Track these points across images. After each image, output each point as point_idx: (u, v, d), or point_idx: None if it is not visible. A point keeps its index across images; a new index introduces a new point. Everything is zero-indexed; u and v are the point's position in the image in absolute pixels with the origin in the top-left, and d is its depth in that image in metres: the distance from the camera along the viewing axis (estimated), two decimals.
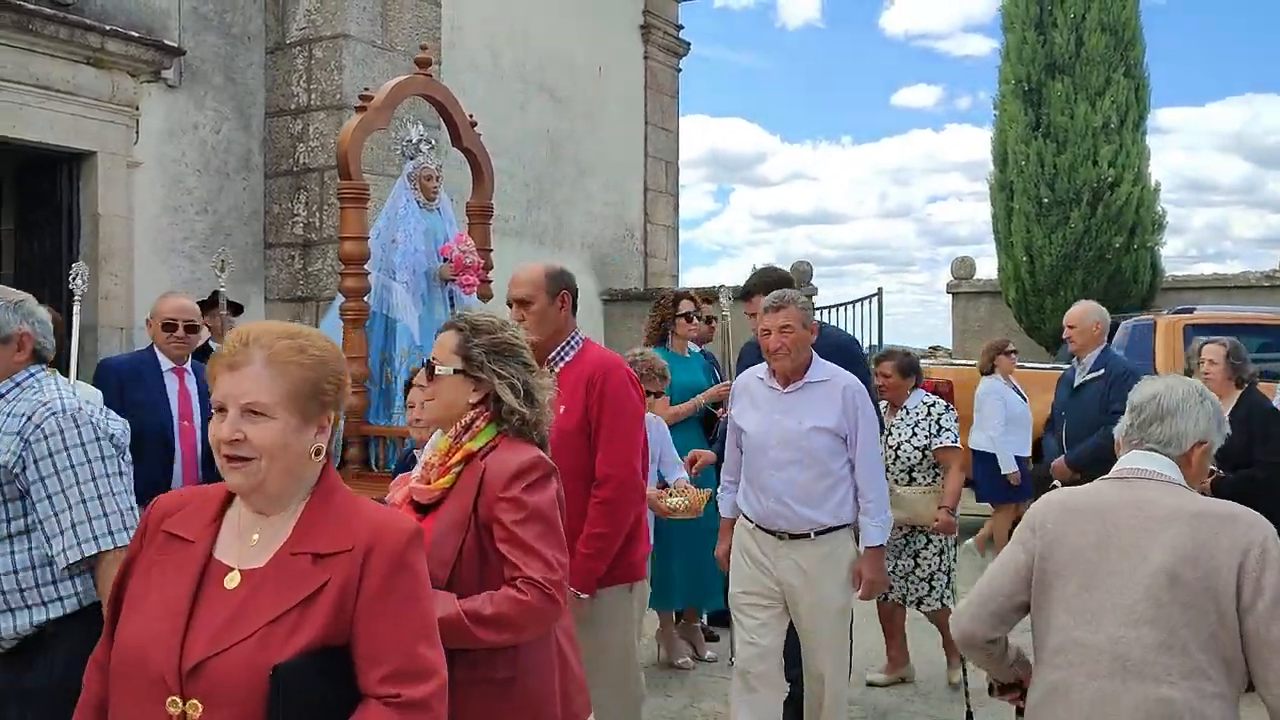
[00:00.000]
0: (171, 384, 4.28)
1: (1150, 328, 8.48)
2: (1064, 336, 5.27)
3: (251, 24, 8.63)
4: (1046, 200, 10.44)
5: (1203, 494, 4.81)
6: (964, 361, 9.39)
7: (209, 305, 6.99)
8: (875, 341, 12.97)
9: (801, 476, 3.62)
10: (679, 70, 14.50)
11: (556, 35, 11.83)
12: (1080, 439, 4.93)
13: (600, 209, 12.82)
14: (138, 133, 7.73)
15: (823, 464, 3.61)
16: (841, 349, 4.13)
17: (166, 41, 7.75)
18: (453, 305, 4.93)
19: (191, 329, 4.33)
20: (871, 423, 3.71)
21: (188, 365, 4.34)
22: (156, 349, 4.32)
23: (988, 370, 7.53)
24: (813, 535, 3.64)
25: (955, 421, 5.02)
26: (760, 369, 3.81)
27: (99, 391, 3.95)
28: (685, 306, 5.42)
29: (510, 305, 3.16)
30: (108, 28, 7.27)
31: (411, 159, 4.88)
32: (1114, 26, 10.39)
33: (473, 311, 2.46)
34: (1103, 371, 4.98)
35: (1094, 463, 4.67)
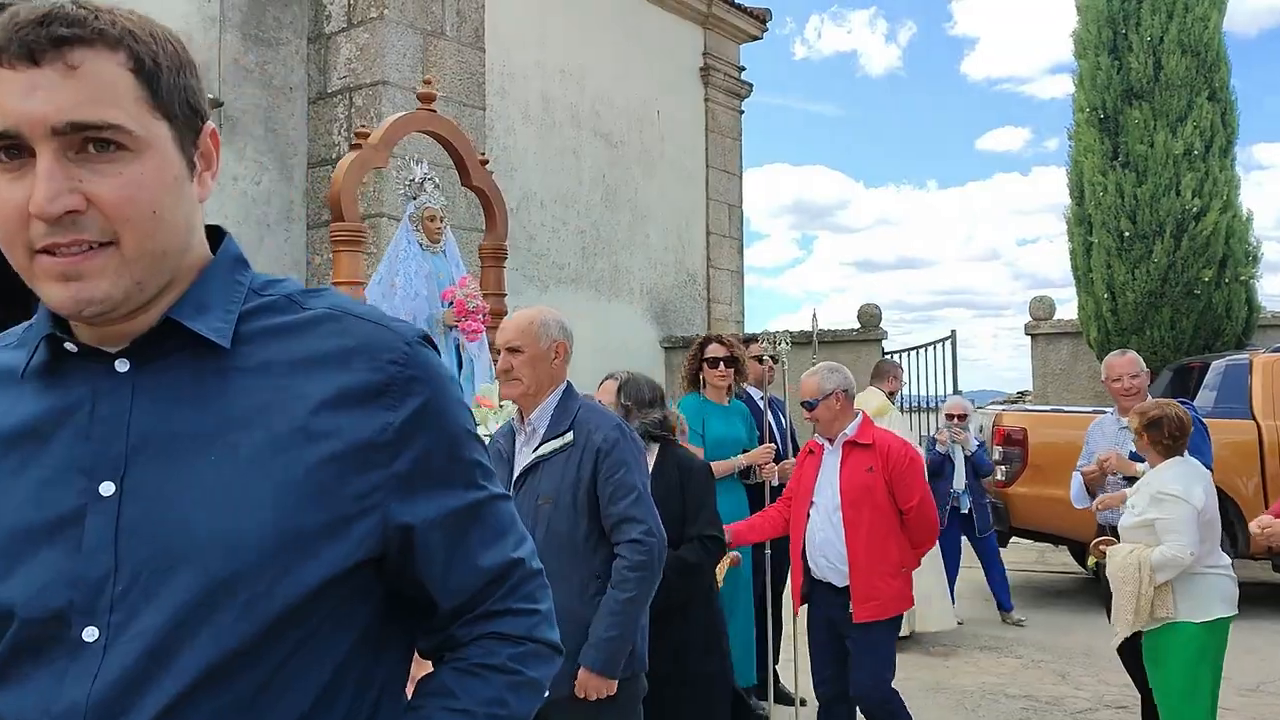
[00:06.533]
0: None
1: (1246, 367, 7.79)
2: (500, 368, 3.02)
3: (293, 75, 8.58)
4: (1128, 234, 9.79)
5: None
6: (1040, 407, 8.77)
7: None
8: (950, 388, 12.37)
9: None
10: (741, 112, 14.21)
11: (612, 80, 11.65)
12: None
13: (660, 255, 12.52)
14: None
15: None
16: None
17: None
18: (459, 353, 4.61)
19: None
20: None
21: None
22: None
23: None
24: None
25: None
26: None
27: None
28: (713, 351, 5.01)
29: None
30: None
31: (414, 199, 4.60)
32: (1195, 48, 9.75)
33: None
34: (570, 438, 2.88)
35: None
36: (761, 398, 5.46)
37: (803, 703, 5.24)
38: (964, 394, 14.15)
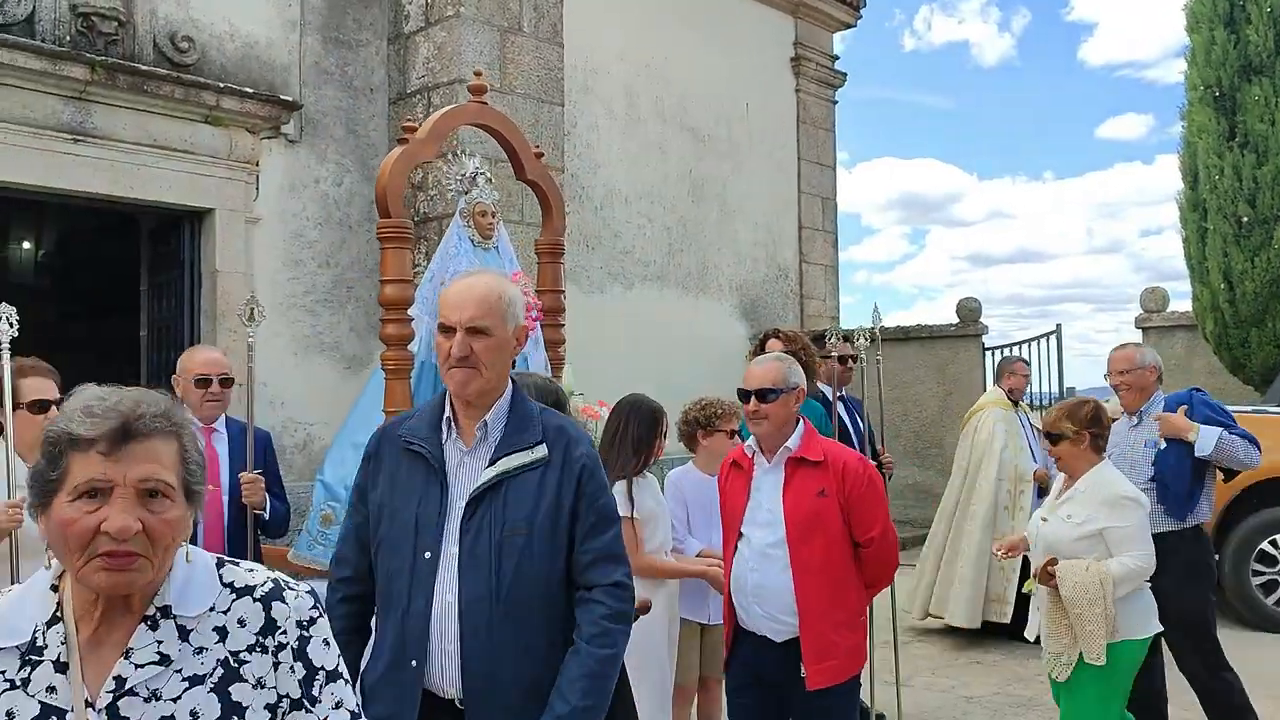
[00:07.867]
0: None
1: None
2: (456, 354, 2.26)
3: (374, 75, 8.60)
4: (1246, 219, 9.15)
5: None
6: None
7: None
8: (1056, 384, 11.82)
9: None
10: (835, 103, 13.84)
11: (698, 73, 11.42)
12: None
13: (749, 250, 12.25)
14: (257, 188, 7.76)
15: None
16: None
17: (283, 96, 7.76)
18: None
19: (226, 383, 4.04)
20: None
21: (218, 425, 4.05)
22: (187, 408, 4.04)
23: None
24: None
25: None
26: None
27: None
28: (771, 346, 4.78)
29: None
30: (222, 85, 7.31)
31: (465, 194, 4.50)
32: None
33: None
34: (543, 451, 2.29)
35: None
36: (837, 396, 5.24)
37: (880, 718, 4.99)
38: (1076, 391, 13.53)
